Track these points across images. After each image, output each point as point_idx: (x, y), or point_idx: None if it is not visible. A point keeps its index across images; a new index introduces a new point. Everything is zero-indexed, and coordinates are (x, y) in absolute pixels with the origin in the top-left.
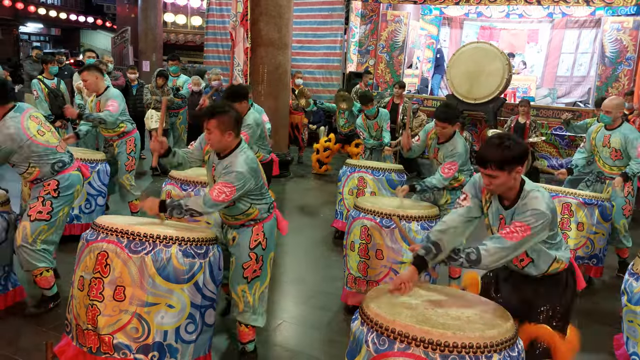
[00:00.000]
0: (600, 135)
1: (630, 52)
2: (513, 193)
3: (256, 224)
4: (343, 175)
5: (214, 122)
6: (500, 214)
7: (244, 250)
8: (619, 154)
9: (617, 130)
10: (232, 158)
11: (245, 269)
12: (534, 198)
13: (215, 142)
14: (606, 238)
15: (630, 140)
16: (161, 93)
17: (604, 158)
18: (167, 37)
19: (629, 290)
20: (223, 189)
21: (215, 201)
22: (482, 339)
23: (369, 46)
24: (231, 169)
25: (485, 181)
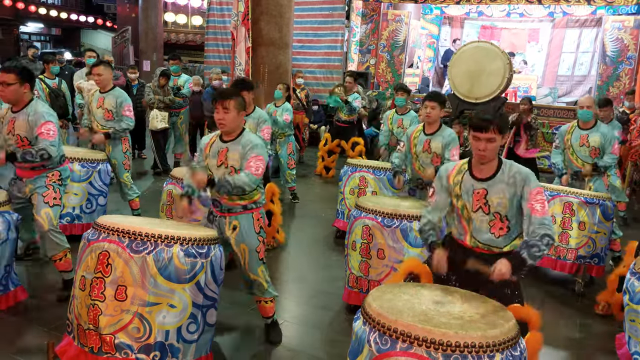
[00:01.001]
0: (577, 135)
1: (631, 51)
2: (493, 164)
3: (256, 208)
4: (344, 175)
5: (232, 102)
6: (474, 188)
7: (252, 235)
8: (599, 151)
9: (594, 130)
10: (247, 136)
11: (259, 252)
12: (518, 167)
13: (231, 120)
14: (608, 237)
15: (609, 138)
16: (163, 93)
17: (582, 157)
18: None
19: (631, 290)
20: (257, 162)
21: (257, 176)
22: (485, 339)
23: (369, 45)
24: (254, 142)
25: (482, 146)
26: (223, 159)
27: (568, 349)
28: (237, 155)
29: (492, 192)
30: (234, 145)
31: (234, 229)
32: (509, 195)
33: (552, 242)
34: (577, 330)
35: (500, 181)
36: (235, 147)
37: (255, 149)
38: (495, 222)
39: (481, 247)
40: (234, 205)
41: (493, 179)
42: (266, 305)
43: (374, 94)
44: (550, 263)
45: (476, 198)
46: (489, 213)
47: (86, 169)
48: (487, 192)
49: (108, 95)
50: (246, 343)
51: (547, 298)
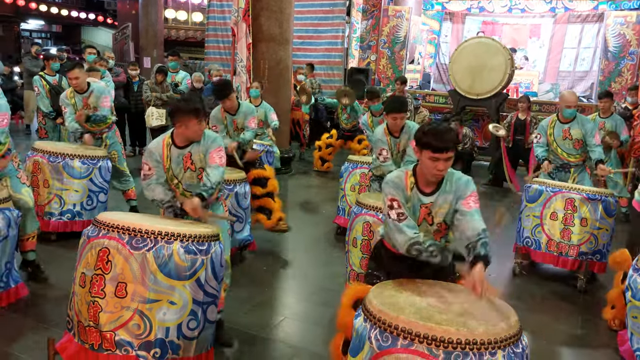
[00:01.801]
0: (558, 129)
1: (633, 46)
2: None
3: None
4: (345, 172)
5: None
6: (421, 203)
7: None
8: (582, 143)
9: (574, 122)
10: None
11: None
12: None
13: (200, 132)
14: (610, 233)
15: (589, 129)
16: (161, 89)
17: (567, 150)
18: (168, 33)
19: (634, 286)
20: (219, 153)
21: (223, 166)
22: (486, 335)
23: (370, 41)
24: (212, 137)
25: (441, 166)
26: (189, 163)
27: (570, 346)
28: (201, 154)
29: (437, 204)
30: (195, 147)
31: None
32: (452, 203)
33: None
34: (579, 327)
35: (444, 191)
36: (197, 149)
37: (215, 141)
38: (439, 232)
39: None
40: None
41: (438, 191)
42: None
43: None
44: (552, 259)
45: (423, 213)
46: (432, 224)
47: (87, 165)
48: (433, 204)
49: (89, 94)
50: (246, 339)
51: (549, 295)
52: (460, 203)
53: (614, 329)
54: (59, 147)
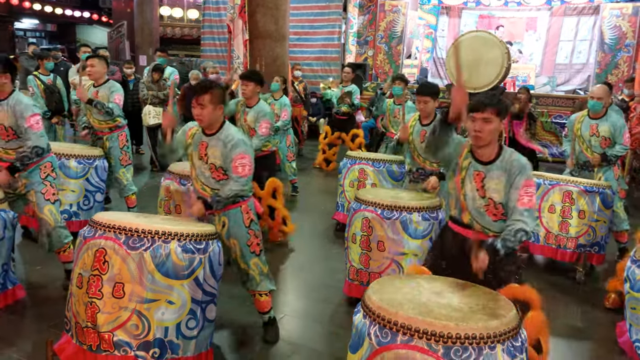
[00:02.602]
0: (586, 125)
1: (629, 38)
2: (492, 149)
3: (243, 201)
4: (344, 168)
5: (207, 96)
6: (475, 169)
7: (242, 231)
8: (609, 141)
9: (604, 119)
10: (226, 131)
11: (250, 246)
12: (517, 155)
13: (207, 115)
14: (607, 226)
15: (619, 127)
16: (157, 88)
17: (593, 147)
18: (164, 31)
19: (632, 278)
20: (242, 161)
21: (246, 176)
22: (485, 330)
23: (367, 37)
24: (234, 140)
25: (478, 127)
26: (203, 153)
27: (570, 338)
28: (218, 152)
29: (490, 176)
30: (213, 141)
31: (223, 225)
32: (504, 182)
33: (526, 236)
34: (578, 319)
35: (498, 167)
36: (215, 143)
37: (237, 147)
38: (489, 207)
39: (477, 227)
40: None
41: (492, 164)
42: (261, 298)
43: (372, 86)
44: (550, 252)
45: (475, 179)
46: (484, 197)
47: (83, 165)
48: (485, 176)
49: (102, 88)
50: (246, 338)
51: (548, 287)
52: (515, 193)
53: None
54: (55, 147)
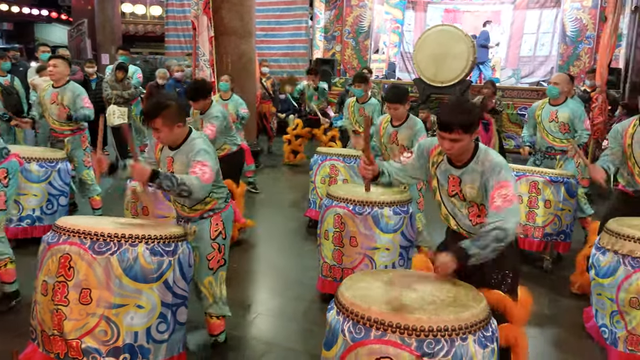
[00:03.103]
0: (547, 111)
1: (590, 30)
2: (468, 154)
3: (214, 214)
4: (314, 164)
5: (159, 121)
6: (449, 173)
7: (206, 242)
8: (567, 127)
9: (564, 105)
10: (190, 143)
11: (210, 260)
12: (491, 155)
13: (166, 138)
14: (572, 214)
15: (579, 114)
16: (122, 87)
17: (553, 133)
18: (126, 28)
19: (597, 264)
20: (203, 168)
21: (204, 182)
22: (457, 322)
23: (334, 32)
24: (195, 150)
25: (447, 146)
26: (170, 170)
27: (539, 325)
28: (183, 165)
29: (465, 180)
30: (178, 155)
31: (193, 233)
32: (478, 184)
33: (503, 233)
34: (547, 307)
35: (473, 170)
36: (179, 157)
37: (198, 155)
38: (473, 210)
39: (464, 233)
40: (192, 216)
41: (466, 167)
42: (211, 320)
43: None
44: (518, 242)
45: (451, 183)
46: (464, 200)
47: (45, 168)
48: (461, 180)
49: (63, 89)
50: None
51: None
52: (489, 195)
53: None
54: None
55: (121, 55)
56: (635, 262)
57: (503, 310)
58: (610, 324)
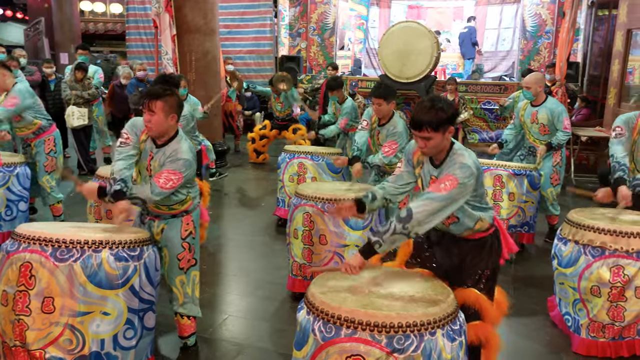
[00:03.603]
0: (529, 112)
1: (549, 25)
2: (444, 153)
3: (187, 215)
4: (282, 162)
5: (160, 104)
6: (431, 174)
7: (176, 241)
8: (547, 128)
9: (542, 106)
10: (175, 145)
11: (181, 260)
12: (460, 155)
13: (157, 124)
14: (535, 206)
15: (557, 114)
16: (81, 87)
17: (534, 134)
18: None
19: (559, 255)
20: (170, 176)
21: (162, 189)
22: (425, 317)
23: (299, 29)
24: (177, 156)
25: (421, 144)
26: (148, 166)
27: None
28: (159, 164)
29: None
30: (159, 153)
31: (161, 231)
32: None
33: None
34: (512, 296)
35: (446, 168)
36: (159, 156)
37: (175, 162)
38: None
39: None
40: (162, 213)
41: (442, 166)
42: (182, 321)
43: (307, 78)
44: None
45: (431, 183)
46: None
47: (2, 173)
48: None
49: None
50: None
51: None
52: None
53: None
54: None
55: (80, 55)
56: (595, 252)
57: (478, 308)
58: (573, 312)
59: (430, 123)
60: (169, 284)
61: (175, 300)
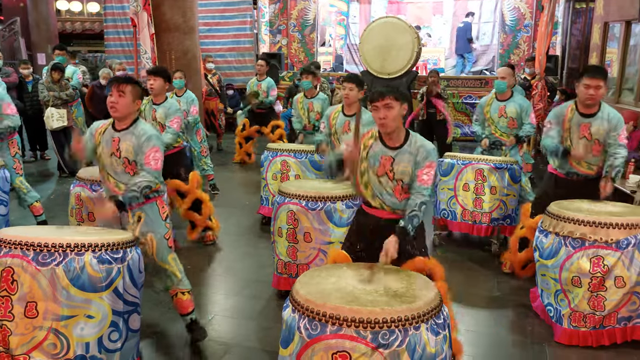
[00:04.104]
0: (495, 107)
1: (527, 19)
2: (399, 134)
3: (158, 196)
4: (265, 161)
5: (129, 87)
6: (382, 154)
7: (158, 223)
8: (515, 122)
9: (510, 101)
10: (140, 126)
11: (168, 239)
12: (423, 141)
13: (125, 106)
14: (517, 199)
15: (525, 108)
16: (59, 88)
17: (501, 128)
18: (63, 26)
19: (540, 247)
20: (155, 154)
21: (158, 169)
22: (410, 311)
23: (280, 26)
24: (147, 134)
25: (382, 114)
26: (115, 149)
27: (489, 306)
28: (131, 146)
29: (398, 160)
30: (126, 135)
31: (139, 219)
32: (412, 165)
33: (426, 206)
34: (495, 288)
35: (406, 151)
36: (127, 137)
37: (150, 140)
38: (397, 188)
39: (387, 209)
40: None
41: (401, 149)
42: (183, 297)
43: (289, 75)
44: (467, 228)
45: (383, 164)
46: (393, 179)
47: None
48: (394, 160)
49: None
50: (177, 343)
51: (467, 261)
52: (416, 172)
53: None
54: None
55: (57, 55)
56: (575, 243)
57: (429, 269)
58: (555, 303)
59: (391, 92)
60: (162, 266)
61: (171, 279)
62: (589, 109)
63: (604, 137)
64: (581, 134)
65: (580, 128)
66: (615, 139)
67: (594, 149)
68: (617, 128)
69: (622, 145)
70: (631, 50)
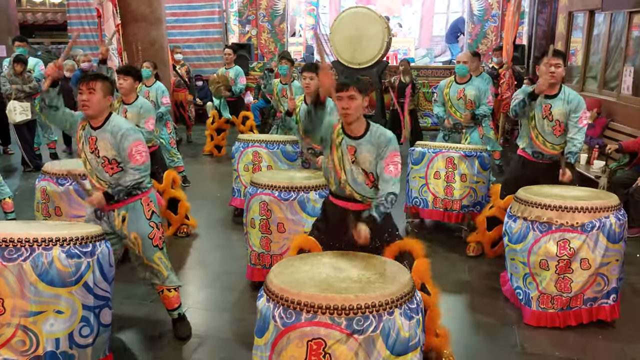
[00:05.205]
0: (454, 89)
1: (495, 9)
2: (360, 125)
3: (143, 194)
4: (236, 152)
5: (98, 84)
6: (348, 144)
7: (143, 223)
8: (474, 104)
9: (469, 84)
10: (113, 122)
11: (152, 239)
12: (382, 130)
13: (96, 103)
14: (487, 186)
15: (483, 91)
16: (21, 80)
17: (460, 110)
18: (24, 17)
19: (509, 232)
20: (139, 148)
21: (144, 163)
22: (383, 297)
23: (249, 16)
24: (123, 130)
25: (345, 104)
26: (93, 147)
27: (460, 291)
28: (108, 144)
29: (360, 150)
30: (102, 134)
31: (123, 220)
32: (374, 155)
33: (395, 198)
34: (466, 273)
35: (368, 141)
36: (103, 136)
37: (128, 136)
38: (364, 176)
39: (357, 197)
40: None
41: (362, 139)
42: (170, 294)
43: (259, 65)
44: (439, 215)
45: (350, 152)
46: (359, 168)
47: None
48: (356, 149)
49: None
50: (151, 336)
51: (439, 247)
52: (382, 163)
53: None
54: None
55: (18, 47)
56: (542, 227)
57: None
58: (523, 286)
59: (355, 83)
60: (149, 265)
61: (158, 277)
62: (550, 89)
63: (565, 118)
64: (543, 113)
65: (542, 108)
66: (575, 121)
67: (555, 130)
68: (577, 110)
69: (582, 130)
70: (594, 40)
